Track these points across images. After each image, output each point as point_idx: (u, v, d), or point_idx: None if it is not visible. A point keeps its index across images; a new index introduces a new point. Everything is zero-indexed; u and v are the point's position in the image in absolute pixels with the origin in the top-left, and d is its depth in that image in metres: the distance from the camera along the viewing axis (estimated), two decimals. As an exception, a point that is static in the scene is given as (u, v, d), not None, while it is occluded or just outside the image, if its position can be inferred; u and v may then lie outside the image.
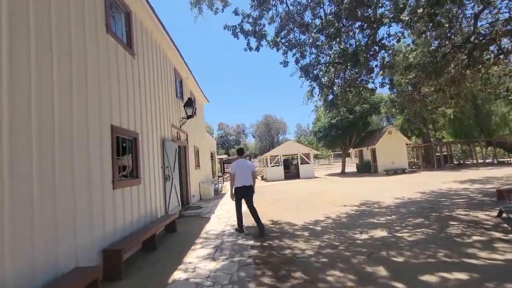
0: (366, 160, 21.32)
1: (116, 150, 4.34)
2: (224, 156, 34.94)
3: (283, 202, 9.25)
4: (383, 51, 7.35)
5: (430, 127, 22.99)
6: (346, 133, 21.30)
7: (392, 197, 8.77)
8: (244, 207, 5.35)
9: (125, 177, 4.51)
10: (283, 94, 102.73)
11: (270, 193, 12.31)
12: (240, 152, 5.67)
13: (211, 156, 16.21)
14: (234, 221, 6.43)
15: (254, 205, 5.22)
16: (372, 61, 7.49)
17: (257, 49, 6.51)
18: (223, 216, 7.07)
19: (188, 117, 8.31)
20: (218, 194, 12.75)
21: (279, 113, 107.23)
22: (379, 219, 5.94)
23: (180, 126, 8.42)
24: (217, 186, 12.95)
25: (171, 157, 6.81)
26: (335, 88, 7.63)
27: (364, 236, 4.70)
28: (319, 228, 5.46)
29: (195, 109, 8.52)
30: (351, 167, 26.32)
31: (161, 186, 6.07)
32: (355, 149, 23.32)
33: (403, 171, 19.27)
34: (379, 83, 8.27)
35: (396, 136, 20.14)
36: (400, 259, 3.55)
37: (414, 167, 22.35)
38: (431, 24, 5.77)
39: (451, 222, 5.20)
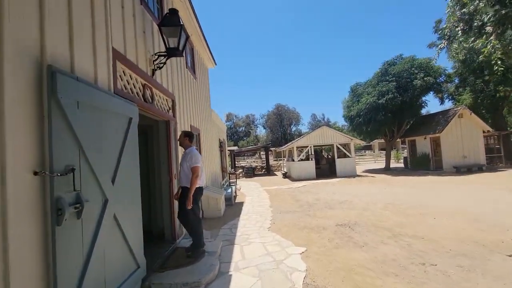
0: (422, 153, 16.25)
1: None
2: (235, 148, 30.34)
3: (368, 236, 4.50)
4: None
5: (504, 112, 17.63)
6: (395, 118, 16.19)
7: None
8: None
9: None
10: (296, 81, 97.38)
11: (316, 205, 7.56)
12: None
13: (220, 146, 11.41)
14: None
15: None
16: None
17: None
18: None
19: (170, 52, 3.66)
20: (232, 205, 8.16)
21: (292, 103, 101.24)
22: None
23: (153, 73, 3.78)
24: (229, 191, 8.36)
25: (100, 140, 2.20)
26: None
27: None
28: None
29: (186, 38, 3.86)
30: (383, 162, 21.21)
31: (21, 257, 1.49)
32: (404, 138, 18.25)
33: (479, 168, 14.21)
34: None
35: (469, 121, 14.91)
36: None
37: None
38: None
39: None
